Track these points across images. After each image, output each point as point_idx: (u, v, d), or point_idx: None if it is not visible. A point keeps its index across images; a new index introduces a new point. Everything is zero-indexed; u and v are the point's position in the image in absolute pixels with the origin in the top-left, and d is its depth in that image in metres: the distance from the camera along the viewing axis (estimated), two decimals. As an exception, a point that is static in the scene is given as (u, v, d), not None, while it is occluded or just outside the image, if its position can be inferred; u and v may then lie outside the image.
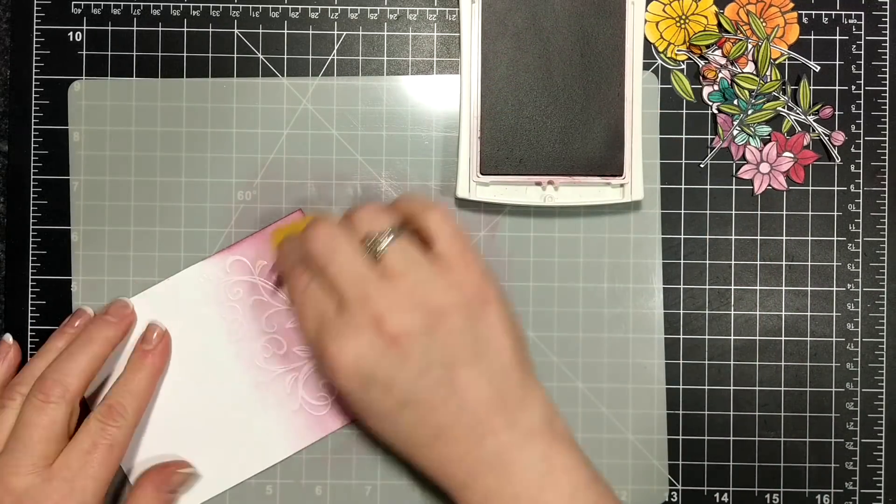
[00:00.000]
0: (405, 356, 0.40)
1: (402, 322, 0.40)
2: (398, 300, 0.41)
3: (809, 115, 0.50)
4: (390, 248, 0.41)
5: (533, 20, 0.48)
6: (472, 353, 0.41)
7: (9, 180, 0.50)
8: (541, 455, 0.41)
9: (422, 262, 0.42)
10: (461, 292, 0.41)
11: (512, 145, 0.48)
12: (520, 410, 0.41)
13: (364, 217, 0.43)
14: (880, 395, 0.50)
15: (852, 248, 0.50)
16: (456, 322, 0.41)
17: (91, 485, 0.44)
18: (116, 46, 0.50)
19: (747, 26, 0.50)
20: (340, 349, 0.41)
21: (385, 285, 0.41)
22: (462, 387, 0.41)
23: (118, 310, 0.48)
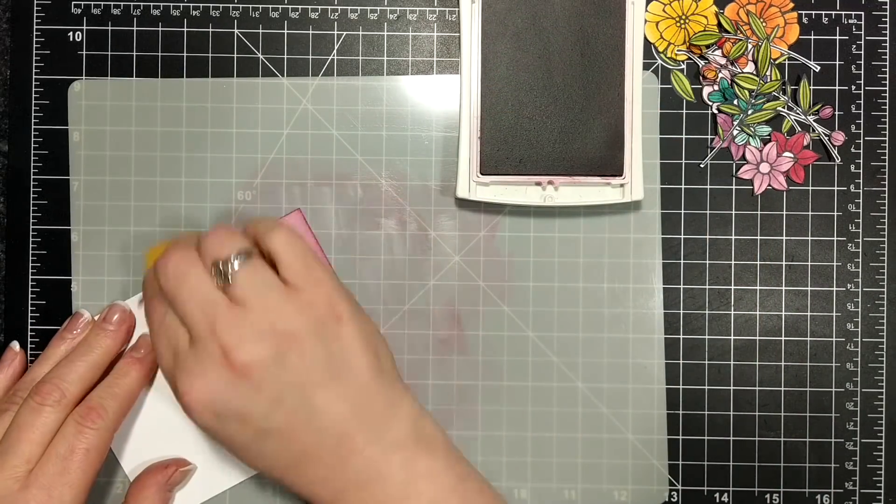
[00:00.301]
0: (257, 387, 0.39)
1: (250, 353, 0.39)
2: (246, 329, 0.40)
3: (809, 115, 0.50)
4: (239, 272, 0.40)
5: (533, 20, 0.48)
6: (328, 375, 0.40)
7: (9, 180, 0.50)
8: (401, 464, 0.40)
9: (272, 284, 0.41)
10: (311, 313, 0.40)
11: (512, 145, 0.48)
12: (383, 424, 0.41)
13: (213, 241, 0.41)
14: (880, 395, 0.50)
15: (852, 248, 0.50)
16: (308, 345, 0.40)
17: (69, 492, 0.42)
18: (116, 46, 0.50)
19: (747, 26, 0.50)
20: (191, 385, 0.40)
21: (233, 313, 0.40)
22: (320, 410, 0.40)
23: (116, 315, 0.47)
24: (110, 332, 0.47)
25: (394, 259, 0.50)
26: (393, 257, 0.50)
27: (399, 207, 0.50)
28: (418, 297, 0.50)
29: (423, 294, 0.50)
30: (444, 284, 0.50)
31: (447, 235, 0.50)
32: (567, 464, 0.50)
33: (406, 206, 0.50)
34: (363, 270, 0.50)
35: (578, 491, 0.50)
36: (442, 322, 0.50)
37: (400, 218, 0.50)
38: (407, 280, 0.50)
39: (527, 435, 0.50)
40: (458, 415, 0.50)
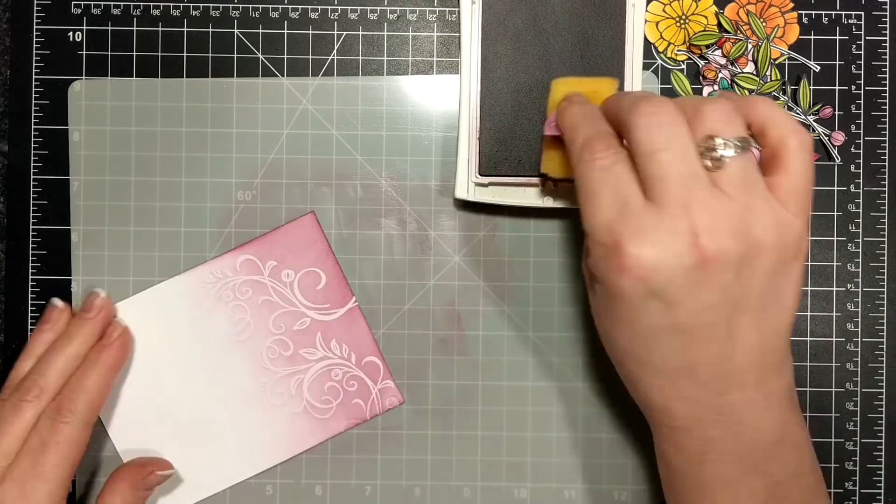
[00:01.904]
0: (706, 282, 0.36)
1: (721, 244, 0.35)
2: (724, 219, 0.35)
3: (809, 115, 0.50)
4: (735, 160, 0.36)
5: (533, 21, 0.48)
6: (761, 304, 0.37)
7: (9, 180, 0.50)
8: (778, 423, 0.38)
9: (760, 187, 0.37)
10: (784, 235, 0.36)
11: (511, 146, 0.48)
12: (774, 374, 0.38)
13: (715, 114, 0.37)
14: (880, 395, 0.50)
15: (852, 248, 0.50)
16: (764, 265, 0.36)
17: (42, 485, 0.42)
18: (116, 46, 0.50)
19: (747, 26, 0.50)
20: (641, 248, 0.35)
21: (715, 198, 0.36)
22: (737, 332, 0.37)
23: (93, 303, 0.48)
24: (89, 321, 0.47)
25: (394, 259, 0.50)
26: (393, 257, 0.50)
27: (399, 207, 0.50)
28: (418, 297, 0.50)
29: (423, 294, 0.50)
30: (444, 284, 0.50)
31: (447, 235, 0.50)
32: (567, 464, 0.50)
33: (406, 206, 0.50)
34: (363, 270, 0.50)
35: (578, 491, 0.50)
36: (442, 322, 0.50)
37: (400, 218, 0.50)
38: (407, 280, 0.50)
39: (527, 435, 0.50)
40: (458, 415, 0.50)
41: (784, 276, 0.37)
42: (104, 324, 0.48)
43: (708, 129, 0.36)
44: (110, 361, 0.47)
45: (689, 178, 0.36)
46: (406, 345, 0.50)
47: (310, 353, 0.50)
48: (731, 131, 0.36)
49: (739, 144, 0.36)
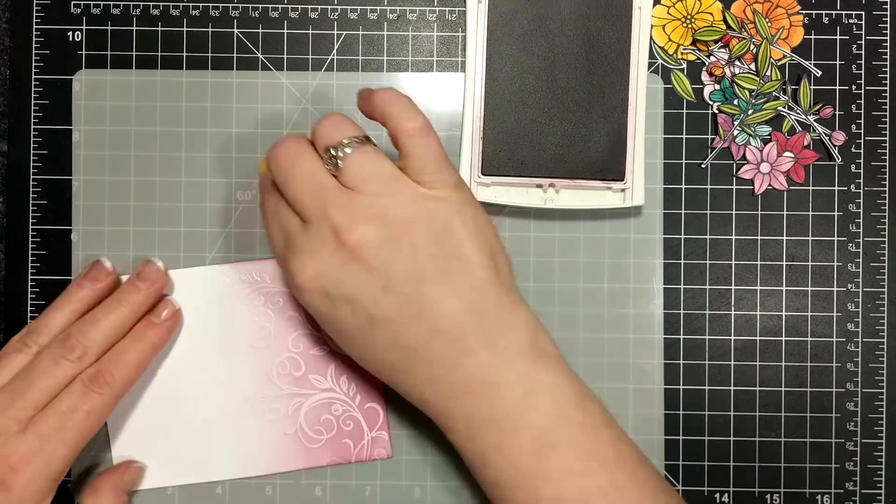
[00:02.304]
0: (367, 269, 0.39)
1: (361, 233, 0.39)
2: (358, 211, 0.39)
3: (810, 114, 0.50)
4: (351, 157, 0.40)
5: (539, 22, 0.48)
6: (441, 269, 0.39)
7: (9, 180, 0.50)
8: (522, 375, 0.39)
9: (386, 171, 0.40)
10: (426, 206, 0.40)
11: (514, 147, 0.48)
12: (499, 329, 0.39)
13: (327, 125, 0.41)
14: (881, 395, 0.50)
15: (853, 248, 0.50)
16: (420, 235, 0.39)
17: (61, 449, 0.43)
18: (116, 46, 0.50)
19: (752, 25, 0.50)
20: (302, 266, 0.39)
21: (345, 196, 0.39)
22: (432, 304, 0.39)
23: (149, 274, 0.47)
24: (142, 290, 0.46)
25: (394, 259, 0.50)
26: (393, 257, 0.50)
27: (399, 207, 0.50)
28: (418, 297, 0.50)
29: (424, 294, 0.50)
30: (444, 284, 0.50)
31: (447, 235, 0.50)
32: (567, 464, 0.50)
33: (406, 205, 0.50)
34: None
35: (579, 491, 0.50)
36: (442, 322, 0.50)
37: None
38: (407, 280, 0.50)
39: (527, 435, 0.50)
40: (459, 415, 0.50)
41: (450, 237, 0.40)
42: (156, 296, 0.47)
43: (324, 142, 0.41)
44: (156, 340, 0.47)
45: (319, 189, 0.40)
46: (406, 345, 0.50)
47: (318, 381, 0.49)
48: (339, 136, 0.40)
49: (351, 145, 0.40)
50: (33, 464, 0.42)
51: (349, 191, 0.40)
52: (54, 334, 0.45)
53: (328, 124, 0.41)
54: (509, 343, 0.39)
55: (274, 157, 0.41)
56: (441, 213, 0.40)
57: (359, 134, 0.41)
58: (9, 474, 0.42)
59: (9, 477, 0.42)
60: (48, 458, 0.42)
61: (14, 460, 0.42)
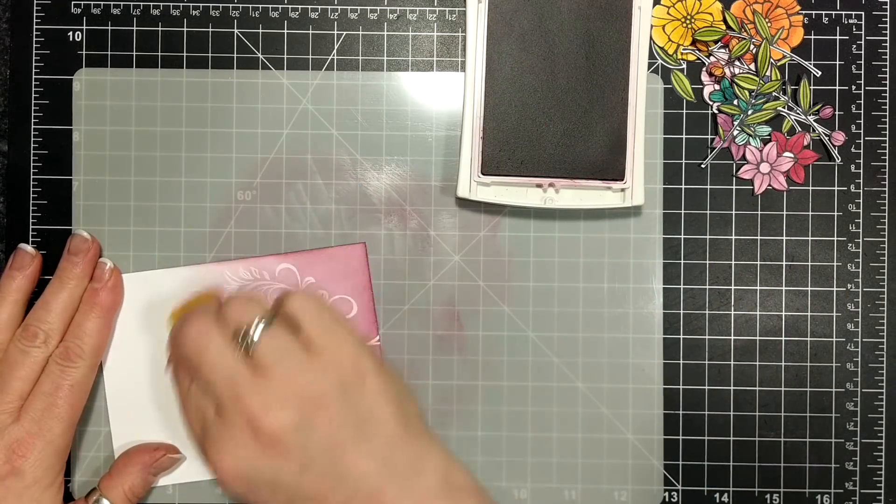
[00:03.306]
0: (285, 454, 0.39)
1: (276, 420, 0.39)
2: (271, 396, 0.39)
3: (809, 115, 0.50)
4: (260, 340, 0.40)
5: (539, 22, 0.48)
6: (355, 435, 0.39)
7: (9, 180, 0.50)
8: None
9: (294, 350, 0.40)
10: (335, 373, 0.40)
11: (514, 146, 0.48)
12: (412, 476, 0.40)
13: (232, 309, 0.41)
14: (880, 395, 0.50)
15: (852, 248, 0.50)
16: (334, 407, 0.40)
17: (57, 425, 0.45)
18: (116, 46, 0.50)
19: (752, 25, 0.50)
20: (221, 458, 0.39)
21: (257, 382, 0.39)
22: (349, 470, 0.39)
23: (79, 246, 0.48)
24: (79, 264, 0.48)
25: (394, 259, 0.50)
26: (393, 257, 0.50)
27: (399, 207, 0.50)
28: (418, 296, 0.50)
29: (423, 294, 0.50)
30: (444, 284, 0.50)
31: (447, 235, 0.50)
32: (567, 464, 0.50)
33: (406, 205, 0.50)
34: (363, 270, 0.50)
35: (578, 491, 0.50)
36: (442, 322, 0.50)
37: (400, 217, 0.50)
38: (407, 280, 0.50)
39: (527, 435, 0.50)
40: (458, 415, 0.50)
41: (361, 400, 0.40)
42: (93, 264, 0.48)
43: (232, 324, 0.40)
44: (108, 303, 0.48)
45: (230, 375, 0.39)
46: (406, 344, 0.50)
47: None
48: (247, 317, 0.40)
49: (260, 324, 0.40)
50: (36, 445, 0.45)
51: (260, 376, 0.39)
52: (4, 329, 0.47)
53: (235, 306, 0.41)
54: (424, 488, 0.40)
55: (182, 340, 0.41)
56: (350, 378, 0.40)
57: (266, 312, 0.41)
58: (17, 460, 0.44)
59: (18, 462, 0.44)
60: (49, 437, 0.45)
61: (18, 446, 0.44)
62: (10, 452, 0.44)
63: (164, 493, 0.50)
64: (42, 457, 0.45)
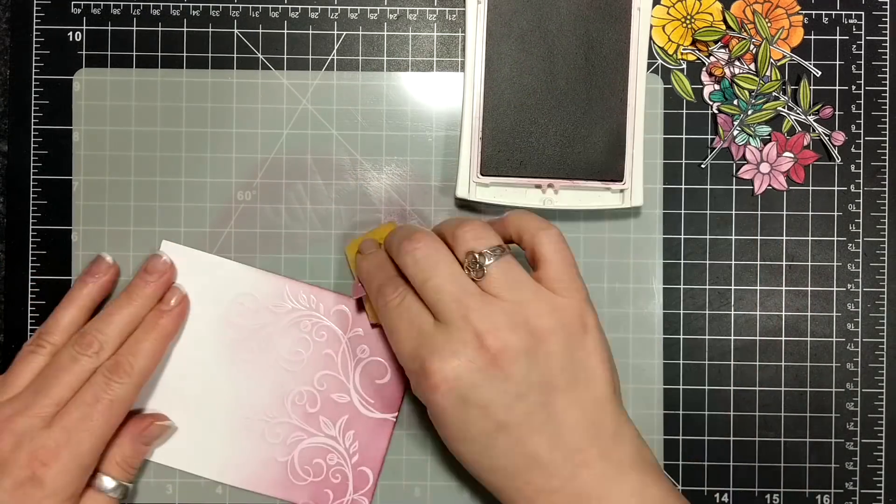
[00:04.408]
0: (505, 377, 0.40)
1: (503, 340, 0.40)
2: (500, 318, 0.40)
3: (809, 115, 0.50)
4: (493, 266, 0.41)
5: (538, 22, 0.48)
6: (570, 380, 0.40)
7: (9, 180, 0.50)
8: (634, 488, 0.40)
9: (526, 282, 0.41)
10: (563, 317, 0.41)
11: (513, 147, 0.48)
12: (613, 442, 0.41)
13: (468, 233, 0.42)
14: (880, 395, 0.50)
15: (852, 248, 0.50)
16: (556, 346, 0.40)
17: (88, 439, 0.44)
18: (116, 46, 0.50)
19: (752, 25, 0.50)
20: (441, 365, 0.40)
21: (487, 302, 0.40)
22: (558, 414, 0.40)
23: (157, 267, 0.48)
24: (151, 283, 0.48)
25: (394, 259, 0.50)
26: (393, 257, 0.50)
27: (399, 207, 0.50)
28: (418, 297, 0.50)
29: (424, 294, 0.50)
30: (444, 284, 0.50)
31: (447, 235, 0.50)
32: (567, 464, 0.50)
33: (406, 205, 0.50)
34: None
35: (578, 491, 0.50)
36: (442, 322, 0.50)
37: (400, 217, 0.50)
38: (407, 280, 0.50)
39: (527, 435, 0.50)
40: (459, 415, 0.50)
41: (580, 349, 0.41)
42: (165, 287, 0.48)
43: (466, 247, 0.42)
44: (168, 327, 0.48)
45: (461, 293, 0.41)
46: (406, 345, 0.50)
47: (326, 425, 0.49)
48: (484, 243, 0.42)
49: (494, 253, 0.41)
50: (62, 456, 0.43)
51: (491, 297, 0.41)
52: (65, 332, 0.47)
53: (471, 230, 0.42)
54: (622, 456, 0.41)
55: (410, 252, 0.42)
56: (575, 326, 0.41)
57: (500, 244, 0.42)
58: (39, 468, 0.43)
59: (40, 471, 0.43)
60: (76, 450, 0.43)
61: (43, 454, 0.43)
62: (32, 458, 0.43)
63: (164, 492, 0.50)
64: (65, 470, 0.43)
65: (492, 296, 0.41)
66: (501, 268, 0.41)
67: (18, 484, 0.43)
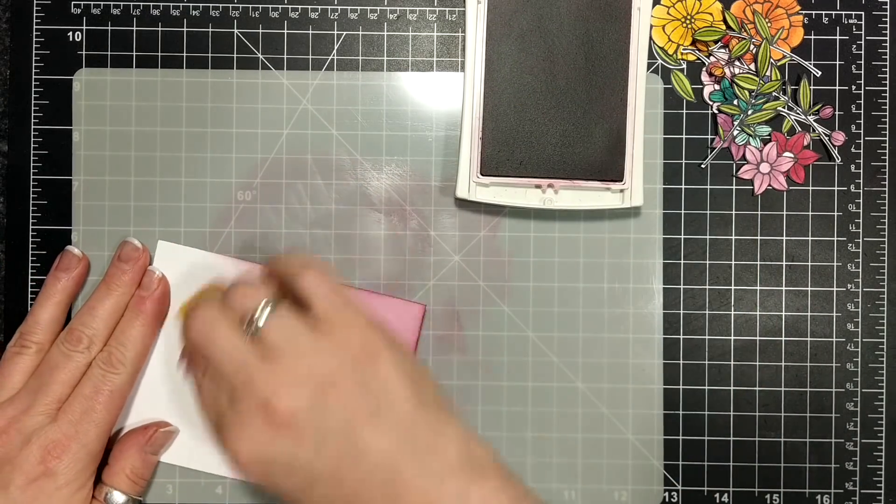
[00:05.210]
0: (300, 436, 0.39)
1: (288, 403, 0.39)
2: (282, 380, 0.39)
3: (809, 115, 0.50)
4: (267, 325, 0.40)
5: (538, 22, 0.48)
6: (368, 412, 0.40)
7: (9, 180, 0.50)
8: (457, 493, 0.39)
9: (302, 331, 0.41)
10: (346, 353, 0.40)
11: (513, 147, 0.48)
12: (430, 453, 0.40)
13: (238, 295, 0.42)
14: (880, 395, 0.50)
15: (852, 248, 0.50)
16: (345, 386, 0.40)
17: (93, 429, 0.45)
18: (116, 46, 0.50)
19: (752, 25, 0.50)
20: (236, 445, 0.39)
21: (267, 366, 0.40)
22: (365, 448, 0.39)
23: (130, 254, 0.48)
24: (128, 271, 0.48)
25: (394, 259, 0.50)
26: (393, 257, 0.50)
27: (399, 207, 0.50)
28: (418, 296, 0.50)
29: (423, 294, 0.50)
30: (444, 284, 0.50)
31: (447, 235, 0.50)
32: (567, 464, 0.50)
33: (406, 205, 0.50)
34: (363, 270, 0.50)
35: (578, 491, 0.50)
36: (442, 322, 0.50)
37: (400, 218, 0.50)
38: (407, 280, 0.50)
39: (527, 435, 0.50)
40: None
41: (373, 378, 0.40)
42: (141, 272, 0.48)
43: (239, 311, 0.41)
44: (154, 312, 0.48)
45: (240, 364, 0.40)
46: (406, 345, 0.50)
47: None
48: (252, 302, 0.41)
49: (265, 310, 0.41)
50: (71, 447, 0.44)
51: (270, 359, 0.40)
52: (47, 330, 0.47)
53: (238, 292, 0.42)
54: (442, 464, 0.40)
55: (190, 331, 0.41)
56: (361, 357, 0.40)
57: (270, 297, 0.41)
58: (52, 461, 0.44)
59: (52, 464, 0.44)
60: (84, 440, 0.45)
61: (53, 447, 0.44)
62: (46, 453, 0.44)
63: (165, 492, 0.50)
64: (76, 459, 0.44)
65: (271, 357, 0.40)
66: (274, 324, 0.40)
67: (31, 480, 0.44)
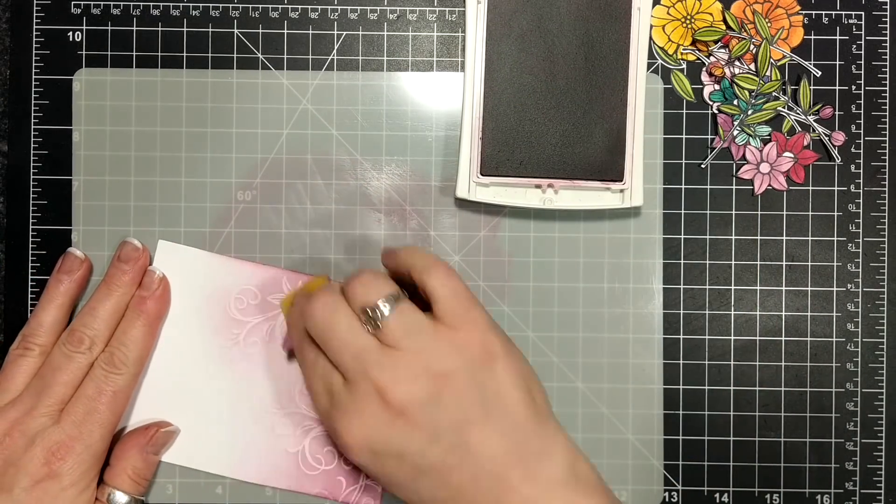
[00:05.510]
0: (413, 426, 0.40)
1: (405, 393, 0.40)
2: (400, 370, 0.40)
3: (809, 115, 0.50)
4: (389, 317, 0.41)
5: (538, 22, 0.48)
6: (482, 412, 0.40)
7: (9, 180, 0.50)
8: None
9: (423, 326, 0.41)
10: (465, 353, 0.41)
11: (513, 147, 0.48)
12: (538, 462, 0.40)
13: (361, 285, 0.42)
14: (880, 395, 0.50)
15: (852, 248, 0.50)
16: (461, 384, 0.40)
17: (97, 430, 0.45)
18: (116, 46, 0.50)
19: (752, 25, 0.50)
20: (349, 426, 0.40)
21: (386, 356, 0.40)
22: (475, 447, 0.40)
23: (130, 254, 0.48)
24: (128, 272, 0.48)
25: (394, 259, 0.50)
26: (393, 257, 0.50)
27: (399, 207, 0.50)
28: (418, 297, 0.50)
29: (424, 294, 0.50)
30: (444, 284, 0.50)
31: (447, 235, 0.50)
32: (567, 464, 0.50)
33: (406, 205, 0.50)
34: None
35: (578, 491, 0.50)
36: (442, 322, 0.50)
37: (400, 218, 0.50)
38: (407, 280, 0.50)
39: (527, 435, 0.50)
40: (459, 415, 0.50)
41: (489, 380, 0.41)
42: (141, 272, 0.49)
43: (359, 302, 0.41)
44: (154, 312, 0.48)
45: (359, 350, 0.41)
46: (406, 345, 0.50)
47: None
48: (375, 294, 0.41)
49: (388, 302, 0.41)
50: (76, 448, 0.45)
51: (389, 349, 0.41)
52: (49, 332, 0.47)
53: (361, 284, 0.42)
54: (550, 475, 0.40)
55: (310, 315, 0.42)
56: (480, 358, 0.41)
57: (393, 291, 0.42)
58: (56, 462, 0.44)
59: (56, 465, 0.44)
60: (88, 441, 0.45)
61: (57, 449, 0.44)
62: (50, 455, 0.44)
63: (165, 492, 0.50)
64: (80, 460, 0.45)
65: (390, 348, 0.41)
66: (396, 318, 0.41)
67: (36, 482, 0.44)
